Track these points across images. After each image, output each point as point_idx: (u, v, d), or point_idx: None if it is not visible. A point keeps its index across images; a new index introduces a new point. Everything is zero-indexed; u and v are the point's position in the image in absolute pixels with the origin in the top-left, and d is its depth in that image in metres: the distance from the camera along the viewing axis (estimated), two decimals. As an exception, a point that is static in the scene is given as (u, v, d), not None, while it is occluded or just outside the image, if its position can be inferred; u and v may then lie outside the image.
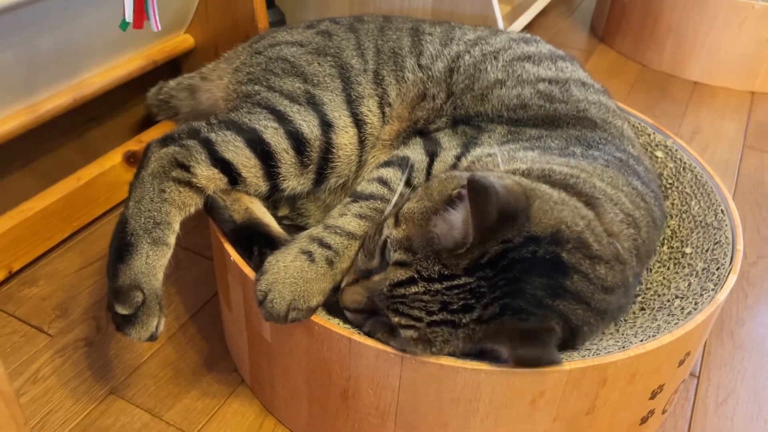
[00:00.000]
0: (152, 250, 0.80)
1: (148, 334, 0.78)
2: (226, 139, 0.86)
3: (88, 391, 0.95)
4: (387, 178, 0.85)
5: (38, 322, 1.04)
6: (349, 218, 0.81)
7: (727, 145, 1.63)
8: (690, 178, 1.05)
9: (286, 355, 0.84)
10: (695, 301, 0.83)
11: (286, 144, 0.88)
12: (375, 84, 0.98)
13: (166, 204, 0.82)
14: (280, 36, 1.07)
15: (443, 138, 0.91)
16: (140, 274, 0.79)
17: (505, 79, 0.98)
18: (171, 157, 0.84)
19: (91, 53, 1.27)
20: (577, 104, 0.96)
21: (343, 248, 0.79)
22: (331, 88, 0.96)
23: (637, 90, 1.85)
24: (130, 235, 0.80)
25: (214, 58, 1.22)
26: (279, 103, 0.92)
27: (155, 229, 0.80)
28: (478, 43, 1.04)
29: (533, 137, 0.90)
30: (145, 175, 0.83)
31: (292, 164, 0.89)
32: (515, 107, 0.95)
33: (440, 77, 0.99)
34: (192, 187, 0.84)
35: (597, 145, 0.90)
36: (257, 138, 0.87)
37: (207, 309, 1.08)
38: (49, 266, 1.14)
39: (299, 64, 0.99)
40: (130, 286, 0.78)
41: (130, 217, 0.81)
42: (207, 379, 0.97)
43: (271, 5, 1.65)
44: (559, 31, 2.16)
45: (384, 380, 0.76)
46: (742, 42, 1.82)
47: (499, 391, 0.74)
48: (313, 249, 0.78)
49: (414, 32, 1.07)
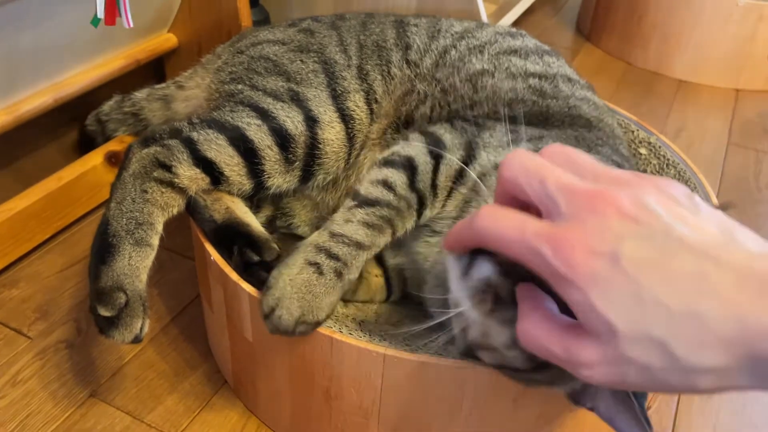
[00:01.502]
0: (135, 251, 0.78)
1: (131, 336, 0.77)
2: (209, 138, 0.85)
3: (68, 394, 0.93)
4: (392, 182, 0.81)
5: (18, 324, 1.03)
6: (355, 226, 0.76)
7: (712, 143, 1.63)
8: (673, 175, 1.06)
9: (268, 355, 0.83)
10: (678, 297, 0.83)
11: (270, 140, 0.86)
12: (360, 79, 0.96)
13: (148, 204, 0.81)
14: (262, 35, 1.06)
15: (444, 135, 0.86)
16: (123, 275, 0.77)
17: (493, 71, 0.97)
18: (152, 157, 0.83)
19: (72, 52, 1.26)
20: (567, 100, 0.95)
21: (352, 259, 0.75)
22: (315, 84, 0.94)
23: (623, 88, 1.86)
24: (111, 237, 0.78)
25: (198, 57, 1.21)
26: (262, 101, 0.91)
27: (137, 230, 0.79)
28: (465, 37, 1.03)
29: (534, 137, 0.86)
30: (127, 176, 0.82)
31: (276, 161, 0.87)
32: (511, 101, 0.93)
33: (427, 73, 0.98)
34: (174, 187, 0.83)
35: (595, 146, 0.88)
36: (240, 135, 0.85)
37: (189, 310, 1.07)
38: (30, 268, 1.13)
39: (282, 62, 0.98)
40: (113, 287, 0.76)
41: (111, 218, 0.80)
42: (189, 381, 0.96)
43: (255, 4, 1.65)
44: (545, 29, 2.17)
45: (367, 379, 0.76)
46: (726, 40, 1.83)
47: (482, 389, 0.73)
48: (320, 260, 0.74)
49: (398, 24, 1.06)
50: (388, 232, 0.78)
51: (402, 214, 0.79)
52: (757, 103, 1.82)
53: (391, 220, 0.78)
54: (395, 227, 0.79)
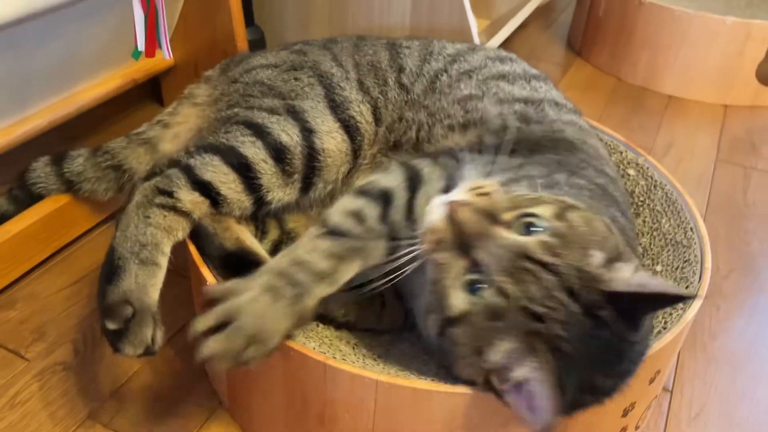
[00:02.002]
0: (141, 269, 0.80)
1: (142, 348, 0.77)
2: (204, 162, 0.87)
3: (66, 416, 0.94)
4: (364, 215, 0.80)
5: (15, 346, 1.04)
6: (317, 256, 0.76)
7: (701, 159, 1.66)
8: (661, 196, 1.08)
9: (263, 379, 0.84)
10: (665, 320, 0.85)
11: (265, 154, 0.87)
12: (362, 92, 0.97)
13: (151, 227, 0.83)
14: (255, 61, 1.08)
15: (424, 169, 0.86)
16: (129, 291, 0.79)
17: (480, 95, 0.98)
18: (153, 186, 0.85)
19: (69, 73, 1.28)
20: (552, 125, 0.97)
21: (309, 286, 0.74)
22: (311, 96, 0.95)
23: (613, 103, 1.88)
24: (117, 260, 0.80)
25: (195, 76, 1.23)
26: (256, 117, 0.92)
27: (142, 251, 0.81)
28: (456, 60, 1.05)
29: (514, 166, 0.86)
30: (131, 208, 0.85)
31: (273, 174, 0.88)
32: (497, 130, 0.93)
33: (417, 99, 1.00)
34: (177, 211, 0.85)
35: (579, 170, 0.88)
36: (234, 153, 0.87)
37: (186, 330, 1.07)
38: (27, 289, 1.14)
39: (276, 84, 1.00)
40: (119, 301, 0.77)
41: (116, 245, 0.82)
42: (185, 402, 0.98)
43: (251, 24, 1.66)
44: (536, 45, 2.19)
45: (360, 404, 0.77)
46: (714, 56, 1.86)
47: (473, 414, 0.75)
48: (280, 286, 0.74)
49: (391, 46, 1.07)
50: (355, 265, 0.77)
51: (369, 246, 0.78)
52: (745, 119, 1.84)
53: (360, 251, 0.77)
54: (365, 259, 0.78)
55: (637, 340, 0.69)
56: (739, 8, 2.09)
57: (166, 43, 0.95)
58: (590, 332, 0.65)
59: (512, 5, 2.13)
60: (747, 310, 1.23)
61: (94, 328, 1.08)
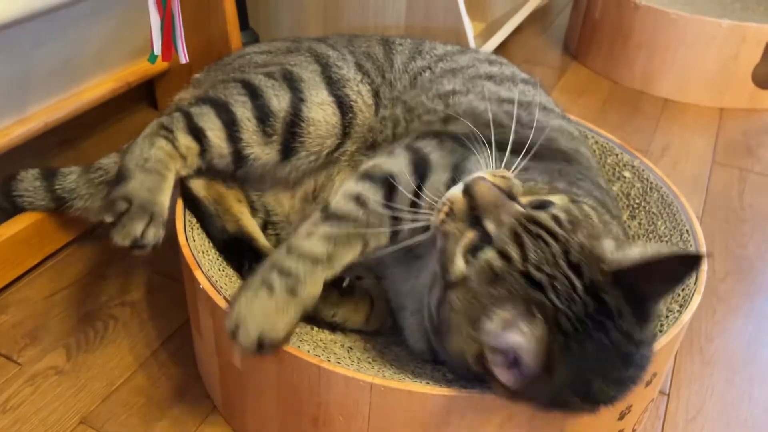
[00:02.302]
0: (145, 175, 0.86)
1: (129, 240, 0.81)
2: (202, 112, 0.94)
3: (58, 420, 0.93)
4: (365, 198, 0.81)
5: (7, 350, 1.03)
6: (315, 241, 0.77)
7: (697, 162, 1.66)
8: (656, 198, 1.07)
9: (257, 382, 0.84)
10: (661, 322, 0.85)
11: (250, 114, 0.92)
12: (360, 72, 0.98)
13: (155, 148, 0.89)
14: (247, 49, 1.11)
15: (431, 154, 0.85)
16: (133, 189, 0.84)
17: (465, 92, 0.98)
18: (159, 122, 0.93)
19: (63, 76, 1.27)
20: (544, 131, 0.95)
21: (305, 274, 0.75)
22: (310, 69, 0.98)
23: (609, 107, 1.88)
24: (124, 171, 0.87)
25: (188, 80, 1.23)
26: (254, 78, 0.96)
27: (146, 163, 0.87)
28: (443, 59, 1.05)
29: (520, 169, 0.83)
30: (139, 138, 0.92)
31: (254, 132, 0.92)
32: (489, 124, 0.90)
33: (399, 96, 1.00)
34: (174, 146, 0.91)
35: (577, 181, 0.88)
36: (225, 109, 0.93)
37: (179, 334, 1.08)
38: (19, 293, 1.13)
39: (273, 60, 1.02)
40: (117, 197, 0.83)
41: (124, 162, 0.88)
42: (179, 406, 0.97)
43: (245, 27, 1.66)
44: (532, 48, 2.19)
45: (354, 407, 0.76)
46: (710, 59, 1.86)
47: (468, 416, 0.74)
48: (273, 279, 0.74)
49: (384, 42, 1.08)
50: (357, 247, 0.79)
51: (373, 230, 0.79)
52: (740, 122, 1.85)
53: (361, 235, 0.78)
54: (366, 242, 0.79)
55: (644, 340, 0.66)
56: (735, 11, 2.10)
57: (183, 47, 0.96)
58: (593, 317, 0.63)
59: (508, 8, 2.14)
60: (743, 312, 1.22)
61: (88, 333, 1.07)
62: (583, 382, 0.65)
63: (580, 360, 0.63)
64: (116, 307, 1.12)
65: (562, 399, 0.66)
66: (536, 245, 0.64)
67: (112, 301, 1.13)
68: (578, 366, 0.64)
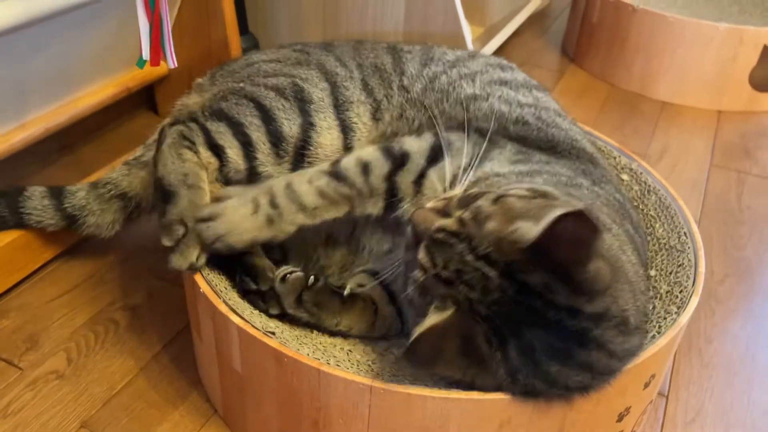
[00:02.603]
0: (190, 192, 0.90)
1: (187, 264, 0.86)
2: (219, 130, 0.95)
3: (59, 425, 0.94)
4: (371, 168, 0.87)
5: (8, 355, 1.03)
6: (311, 189, 0.85)
7: (695, 164, 1.66)
8: (654, 201, 1.08)
9: (257, 385, 0.84)
10: (659, 324, 0.85)
11: (265, 138, 0.95)
12: (365, 92, 1.00)
13: (186, 162, 0.92)
14: (254, 57, 1.10)
15: (456, 142, 0.89)
16: (184, 210, 0.88)
17: (486, 96, 0.99)
18: (180, 132, 0.95)
19: (63, 82, 1.28)
20: (568, 133, 0.98)
21: (288, 214, 0.84)
22: (320, 87, 1.00)
23: (608, 109, 1.89)
24: (168, 186, 0.90)
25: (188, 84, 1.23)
26: (265, 96, 0.98)
27: (187, 178, 0.91)
28: (456, 65, 1.05)
29: (542, 161, 0.90)
30: (164, 148, 0.94)
31: (268, 153, 0.96)
32: (517, 121, 0.96)
33: (416, 98, 1.01)
34: (198, 157, 0.94)
35: (600, 182, 0.91)
36: (241, 131, 0.95)
37: (180, 338, 1.08)
38: (20, 298, 1.13)
39: (283, 71, 1.03)
40: (174, 221, 0.87)
41: (163, 175, 0.91)
42: (179, 410, 0.97)
43: (245, 32, 1.67)
44: (531, 51, 2.20)
45: (354, 410, 0.77)
46: (708, 62, 1.87)
47: (467, 418, 0.75)
48: (262, 203, 0.85)
49: (392, 50, 1.08)
50: (343, 209, 0.86)
51: (364, 198, 0.86)
52: (738, 124, 1.85)
53: (351, 200, 0.85)
54: (353, 208, 0.86)
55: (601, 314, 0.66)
56: (732, 14, 2.11)
57: (171, 52, 0.96)
58: (516, 299, 0.66)
59: (506, 12, 2.14)
60: (742, 314, 1.23)
61: (88, 337, 1.07)
62: (536, 364, 0.67)
63: (521, 343, 0.66)
64: (117, 312, 1.12)
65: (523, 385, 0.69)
66: (441, 250, 0.70)
67: (112, 306, 1.13)
68: (522, 349, 0.67)
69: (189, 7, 1.43)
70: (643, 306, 0.77)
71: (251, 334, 0.79)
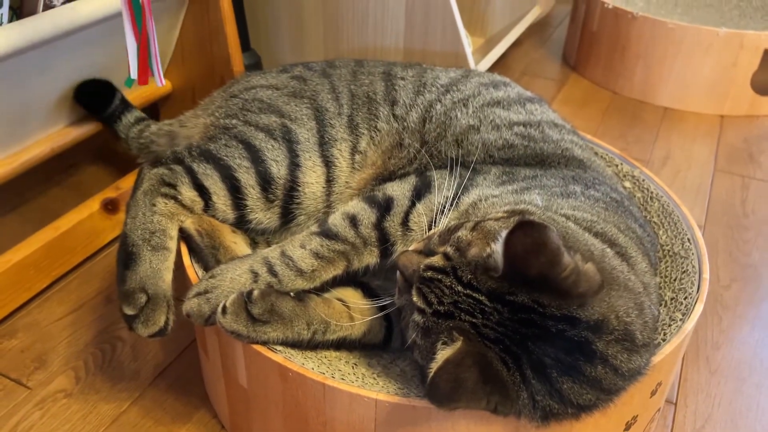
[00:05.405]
0: (153, 255, 0.88)
1: (155, 329, 0.85)
2: (206, 172, 0.95)
3: (67, 443, 0.94)
4: (359, 219, 0.87)
5: (17, 374, 1.04)
6: (305, 254, 0.84)
7: (699, 169, 1.66)
8: (657, 208, 1.08)
9: (263, 401, 0.84)
10: (664, 331, 0.85)
11: (253, 181, 0.95)
12: (349, 129, 1.01)
13: (156, 215, 0.91)
14: (255, 80, 1.10)
15: (438, 179, 0.90)
16: (146, 277, 0.86)
17: (478, 125, 1.00)
18: (159, 177, 0.94)
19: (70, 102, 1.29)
20: (558, 143, 0.99)
21: (288, 281, 0.83)
22: (307, 126, 1.00)
23: (610, 117, 1.89)
24: (131, 246, 0.88)
25: (192, 101, 1.24)
26: (254, 137, 0.98)
27: (152, 238, 0.89)
28: (450, 90, 1.06)
29: (528, 177, 0.91)
30: (139, 194, 0.93)
31: (257, 198, 0.96)
32: (502, 147, 0.97)
33: (415, 127, 1.01)
34: (177, 201, 0.94)
35: (593, 185, 0.91)
36: (229, 174, 0.95)
37: (186, 354, 1.09)
38: (28, 317, 1.14)
39: (276, 104, 1.03)
40: (135, 288, 0.86)
41: (128, 232, 0.90)
42: (187, 427, 0.97)
43: (247, 48, 1.68)
44: (532, 61, 2.21)
45: (360, 424, 0.77)
46: (708, 67, 1.87)
47: (473, 430, 0.74)
48: (261, 272, 0.82)
49: (387, 77, 1.09)
50: (341, 266, 0.85)
51: (358, 251, 0.86)
52: (741, 129, 1.85)
53: (347, 255, 0.85)
54: (350, 262, 0.85)
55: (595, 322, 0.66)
56: (733, 19, 2.11)
57: (158, 71, 0.97)
58: (515, 319, 0.66)
59: (506, 22, 2.16)
60: (749, 319, 1.22)
61: (96, 355, 1.08)
62: (550, 383, 0.67)
63: (532, 359, 0.66)
64: (123, 330, 1.13)
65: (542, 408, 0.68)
66: (431, 287, 0.70)
67: (119, 323, 1.14)
68: (534, 366, 0.67)
69: (191, 25, 1.45)
70: (653, 321, 0.75)
71: (256, 349, 0.79)
